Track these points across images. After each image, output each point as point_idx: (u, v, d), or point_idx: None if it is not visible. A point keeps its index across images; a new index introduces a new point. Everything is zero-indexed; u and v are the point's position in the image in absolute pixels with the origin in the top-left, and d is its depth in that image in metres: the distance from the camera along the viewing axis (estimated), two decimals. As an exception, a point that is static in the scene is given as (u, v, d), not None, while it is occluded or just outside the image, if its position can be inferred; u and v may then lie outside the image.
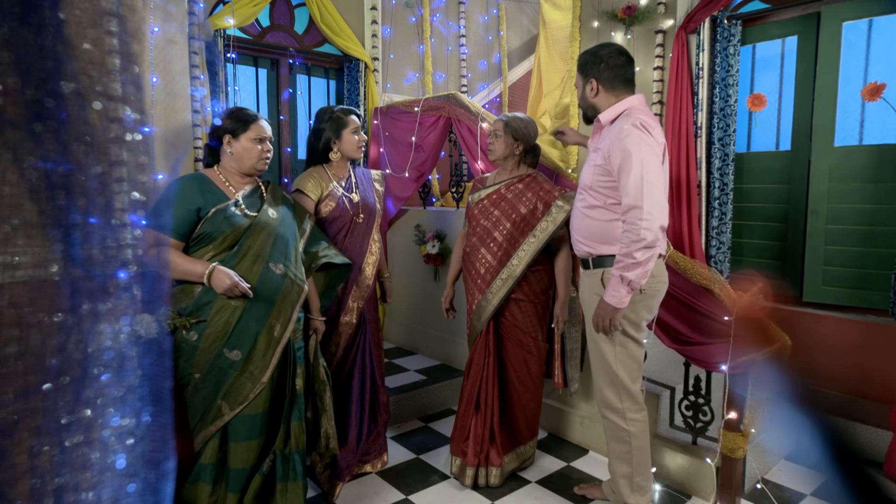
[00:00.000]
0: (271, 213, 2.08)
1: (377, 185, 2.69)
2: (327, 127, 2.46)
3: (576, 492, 2.50)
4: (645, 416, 2.16)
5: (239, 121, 2.03)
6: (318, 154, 2.50)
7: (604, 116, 2.08)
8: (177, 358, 1.90)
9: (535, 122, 2.71)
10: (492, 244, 2.51)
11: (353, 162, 2.62)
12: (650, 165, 1.88)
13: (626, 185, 1.89)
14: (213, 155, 2.09)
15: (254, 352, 1.95)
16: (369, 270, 2.54)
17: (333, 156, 2.49)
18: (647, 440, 2.17)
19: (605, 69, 2.05)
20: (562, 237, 2.49)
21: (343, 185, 2.51)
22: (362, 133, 2.51)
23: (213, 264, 1.90)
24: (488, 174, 2.72)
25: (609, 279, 2.01)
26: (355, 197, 2.52)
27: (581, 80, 2.13)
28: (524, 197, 2.48)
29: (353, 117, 2.48)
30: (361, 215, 2.52)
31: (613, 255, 2.04)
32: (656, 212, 1.85)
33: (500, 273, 2.48)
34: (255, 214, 2.04)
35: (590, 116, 2.17)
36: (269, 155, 2.10)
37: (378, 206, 2.62)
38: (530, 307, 2.53)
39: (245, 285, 1.90)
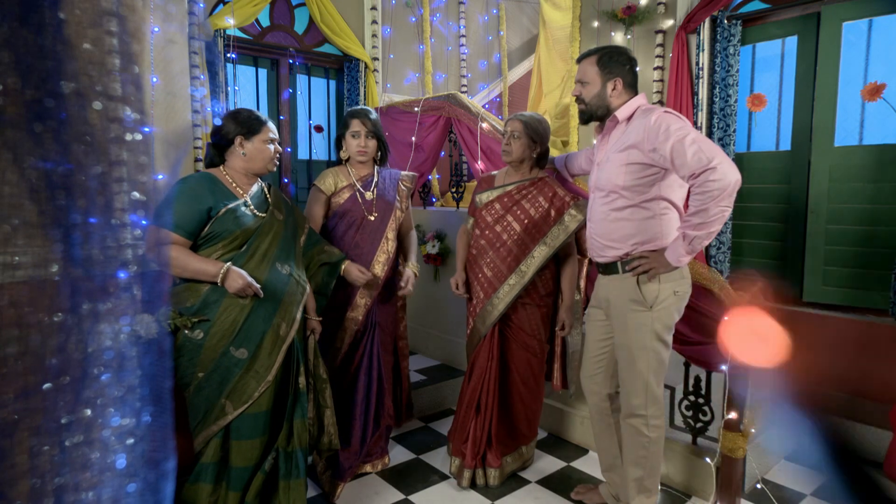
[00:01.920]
0: (277, 213, 2.12)
1: (402, 185, 2.65)
2: (340, 127, 2.56)
3: (573, 497, 2.48)
4: (663, 420, 2.13)
5: (251, 122, 2.07)
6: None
7: (621, 113, 2.05)
8: (180, 357, 1.91)
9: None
10: (501, 248, 2.47)
11: (382, 163, 2.62)
12: (701, 135, 1.86)
13: (686, 159, 1.82)
14: (220, 155, 2.10)
15: (260, 350, 1.96)
16: (378, 269, 2.52)
17: (342, 154, 2.55)
18: (662, 445, 2.14)
19: (630, 71, 2.06)
20: (570, 242, 2.47)
21: (361, 183, 2.54)
22: (364, 137, 2.47)
23: (227, 264, 1.91)
24: (495, 172, 2.66)
25: (644, 283, 2.01)
26: (369, 195, 2.53)
27: (601, 78, 2.06)
28: (536, 202, 2.44)
29: (354, 120, 2.49)
30: (375, 213, 2.52)
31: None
32: (727, 164, 1.79)
33: (509, 279, 2.44)
34: (263, 215, 2.07)
35: (599, 116, 2.10)
36: (279, 155, 2.16)
37: (398, 205, 2.59)
38: (536, 310, 2.51)
39: (257, 286, 1.92)
